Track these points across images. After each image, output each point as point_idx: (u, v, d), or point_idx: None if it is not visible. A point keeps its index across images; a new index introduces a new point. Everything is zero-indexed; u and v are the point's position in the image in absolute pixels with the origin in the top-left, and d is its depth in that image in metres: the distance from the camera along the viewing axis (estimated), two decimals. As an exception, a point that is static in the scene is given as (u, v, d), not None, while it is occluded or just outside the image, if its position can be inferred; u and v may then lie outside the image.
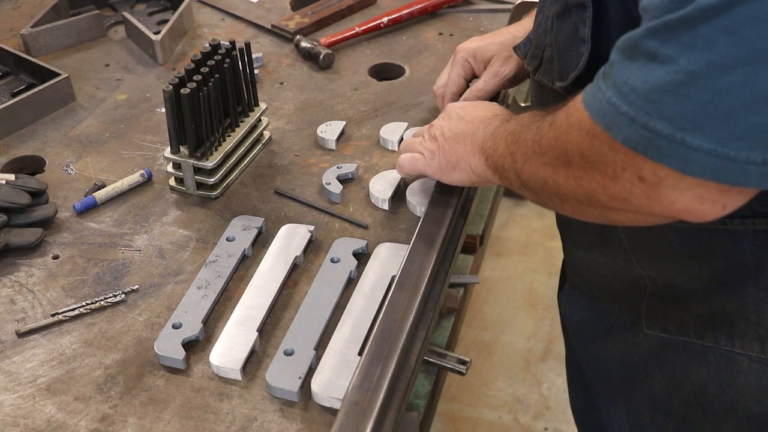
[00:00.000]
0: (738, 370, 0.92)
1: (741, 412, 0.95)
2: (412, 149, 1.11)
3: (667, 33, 0.66)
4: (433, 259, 1.02)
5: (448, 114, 1.08)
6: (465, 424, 2.15)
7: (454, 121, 1.05)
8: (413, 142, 1.11)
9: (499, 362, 2.31)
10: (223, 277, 1.06)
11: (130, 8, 1.74)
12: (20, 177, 1.21)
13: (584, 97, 0.75)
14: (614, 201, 0.76)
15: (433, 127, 1.09)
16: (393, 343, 0.91)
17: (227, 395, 0.93)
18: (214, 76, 1.17)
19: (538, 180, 0.85)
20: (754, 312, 0.88)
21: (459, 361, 1.06)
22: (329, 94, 1.46)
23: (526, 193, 0.91)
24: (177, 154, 1.19)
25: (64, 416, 0.91)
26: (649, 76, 0.67)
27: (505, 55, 1.24)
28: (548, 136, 0.81)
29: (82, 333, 1.01)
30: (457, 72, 1.28)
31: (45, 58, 1.56)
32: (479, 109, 1.06)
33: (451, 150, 1.03)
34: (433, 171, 1.07)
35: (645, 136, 0.67)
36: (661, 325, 0.97)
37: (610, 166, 0.73)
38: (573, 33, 0.87)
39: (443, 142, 1.05)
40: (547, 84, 0.97)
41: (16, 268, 1.11)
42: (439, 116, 1.10)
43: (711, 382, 0.95)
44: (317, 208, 1.19)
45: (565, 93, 0.89)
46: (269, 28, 1.67)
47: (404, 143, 1.15)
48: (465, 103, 1.10)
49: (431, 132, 1.08)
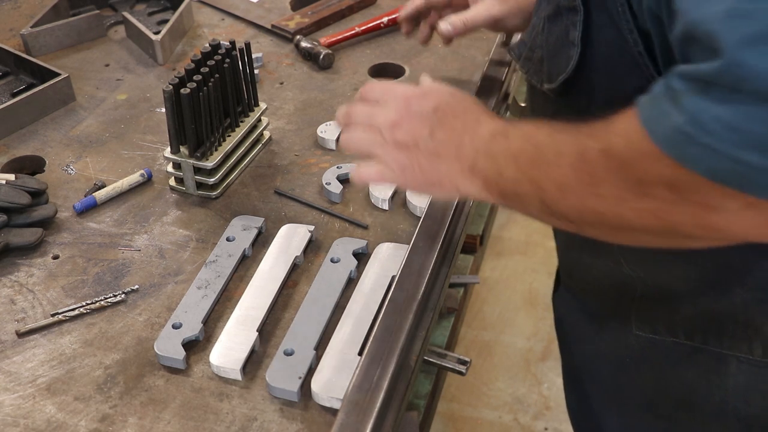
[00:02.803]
0: (727, 371, 0.92)
1: (730, 413, 0.95)
2: (370, 152, 0.91)
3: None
4: (433, 259, 1.02)
5: (414, 106, 0.89)
6: (465, 424, 2.15)
7: (426, 124, 0.87)
8: (368, 142, 0.91)
9: (499, 362, 2.31)
10: (223, 277, 1.06)
11: (130, 8, 1.74)
12: (20, 177, 1.21)
13: (646, 120, 0.67)
14: (706, 231, 0.69)
15: (399, 127, 0.88)
16: (393, 343, 0.91)
17: (227, 395, 0.93)
18: (214, 76, 1.17)
19: (589, 213, 0.75)
20: (742, 313, 0.88)
21: (459, 361, 1.06)
22: (329, 94, 1.46)
23: (556, 222, 0.82)
24: (177, 154, 1.19)
25: (64, 416, 0.91)
26: (733, 105, 0.60)
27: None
28: (605, 165, 0.71)
29: (82, 333, 1.01)
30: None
31: (45, 58, 1.56)
32: (455, 104, 0.89)
33: (430, 167, 0.87)
34: (406, 187, 0.96)
35: (735, 168, 0.61)
36: (651, 327, 0.97)
37: (705, 198, 0.65)
38: (563, 36, 0.86)
39: (418, 156, 0.87)
40: (536, 85, 0.96)
41: (16, 268, 1.11)
42: (398, 98, 0.91)
43: (700, 383, 0.95)
44: (317, 208, 1.19)
45: (554, 95, 0.89)
46: (269, 28, 1.67)
47: (351, 140, 0.93)
48: (432, 89, 0.91)
49: (396, 136, 0.88)
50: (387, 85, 0.95)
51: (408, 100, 0.90)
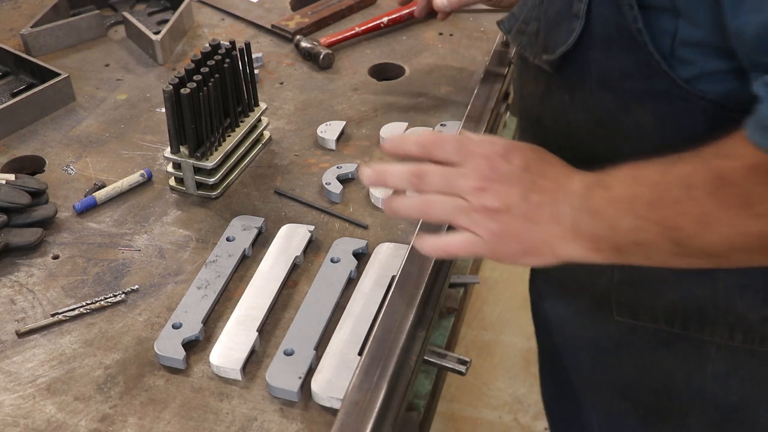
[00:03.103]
0: (707, 357, 0.92)
1: (708, 400, 0.95)
2: (453, 220, 0.81)
3: None
4: (433, 259, 1.02)
5: (501, 166, 0.80)
6: (465, 424, 2.15)
7: (518, 187, 0.79)
8: (450, 209, 0.81)
9: (499, 362, 2.31)
10: (223, 277, 1.06)
11: (130, 8, 1.74)
12: (20, 177, 1.21)
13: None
14: None
15: (486, 191, 0.79)
16: (393, 343, 0.91)
17: (227, 395, 0.93)
18: (214, 76, 1.17)
19: (743, 238, 0.70)
20: (724, 298, 0.87)
21: (459, 361, 1.06)
22: (329, 94, 1.46)
23: (691, 262, 0.77)
24: (177, 154, 1.19)
25: (64, 416, 0.91)
26: None
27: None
28: (758, 181, 0.67)
29: (82, 333, 1.01)
30: None
31: (45, 58, 1.56)
32: (541, 162, 0.82)
33: (526, 233, 0.79)
34: (497, 257, 0.82)
35: None
36: (631, 312, 0.95)
37: None
38: (566, 8, 0.84)
39: (511, 223, 0.79)
40: (528, 58, 0.93)
41: (16, 268, 1.11)
42: (478, 157, 0.80)
43: (679, 369, 0.95)
44: (317, 208, 1.19)
45: (551, 69, 0.86)
46: (269, 28, 1.67)
47: (429, 205, 0.82)
48: (513, 146, 0.82)
49: (484, 201, 0.79)
50: (460, 142, 0.82)
51: (491, 160, 0.80)
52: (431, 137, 0.83)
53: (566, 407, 1.15)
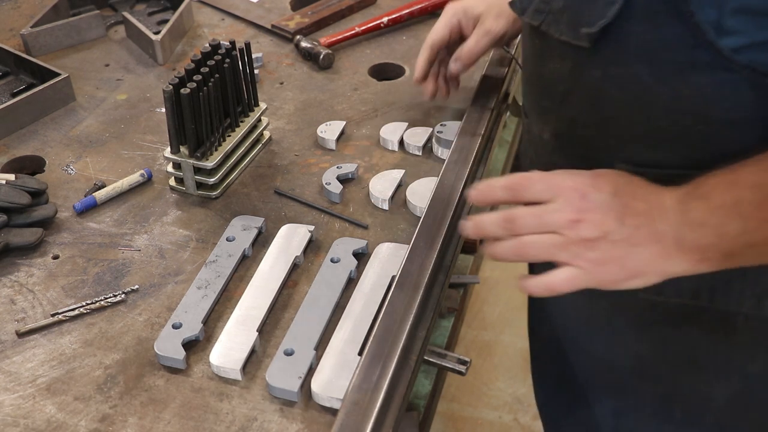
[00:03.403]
0: (733, 328, 0.91)
1: (734, 371, 0.94)
2: (553, 257, 0.81)
3: None
4: (433, 259, 1.02)
5: (592, 195, 0.80)
6: (465, 424, 2.15)
7: (612, 213, 0.79)
8: (547, 247, 0.81)
9: (499, 362, 2.31)
10: (223, 277, 1.06)
11: (130, 8, 1.74)
12: (20, 177, 1.21)
13: None
14: None
15: (581, 222, 0.79)
16: (393, 343, 0.91)
17: (227, 395, 0.93)
18: (214, 76, 1.17)
19: None
20: (752, 269, 0.85)
21: (459, 361, 1.06)
22: (329, 94, 1.46)
23: None
24: (177, 154, 1.19)
25: (64, 416, 0.91)
26: None
27: (495, 12, 1.23)
28: None
29: (82, 333, 1.01)
30: (444, 23, 1.26)
31: (45, 58, 1.56)
32: (628, 184, 0.82)
33: (629, 258, 0.79)
34: (603, 285, 0.82)
35: None
36: (656, 288, 0.91)
37: None
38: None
39: (612, 250, 0.79)
40: (553, 35, 0.91)
41: (16, 268, 1.11)
42: (567, 191, 0.81)
43: (703, 342, 0.94)
44: (317, 208, 1.19)
45: (587, 43, 0.84)
46: (269, 28, 1.67)
47: (526, 247, 0.82)
48: (598, 173, 0.83)
49: (582, 232, 0.79)
50: (547, 179, 0.83)
51: (581, 191, 0.80)
52: (517, 180, 0.83)
53: (569, 404, 1.14)
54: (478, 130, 1.27)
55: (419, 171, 1.26)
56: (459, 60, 1.26)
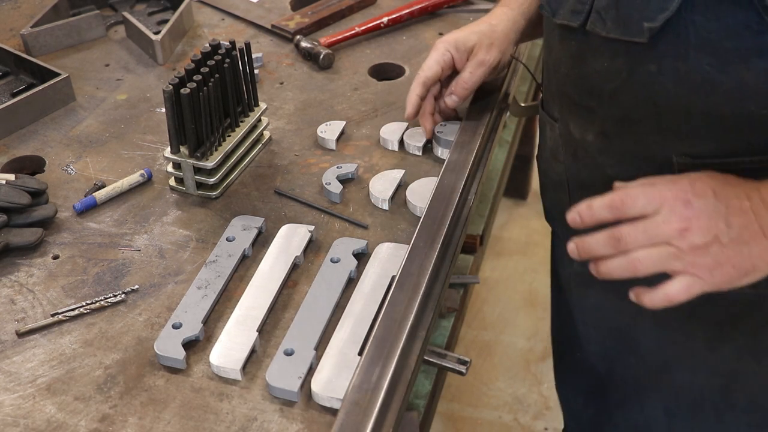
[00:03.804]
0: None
1: None
2: (667, 268, 0.81)
3: None
4: (433, 259, 1.02)
5: (695, 201, 0.80)
6: (465, 424, 2.15)
7: (718, 215, 0.80)
8: (660, 259, 0.81)
9: (499, 362, 2.31)
10: (223, 277, 1.06)
11: (130, 8, 1.74)
12: (20, 177, 1.21)
13: None
14: None
15: (690, 230, 0.79)
16: (393, 343, 0.91)
17: (227, 395, 0.93)
18: (214, 76, 1.17)
19: None
20: None
21: (459, 361, 1.06)
22: (329, 94, 1.46)
23: None
24: (177, 154, 1.19)
25: (64, 416, 0.91)
26: None
27: (487, 43, 1.23)
28: None
29: (82, 333, 1.01)
30: (435, 59, 1.24)
31: (45, 58, 1.56)
32: (724, 182, 0.82)
33: (741, 257, 0.80)
34: (718, 287, 0.82)
35: None
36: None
37: None
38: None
39: (724, 252, 0.80)
40: (599, 33, 0.90)
41: (16, 268, 1.11)
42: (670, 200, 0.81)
43: (764, 328, 0.93)
44: (317, 208, 1.19)
45: (646, 38, 0.83)
46: (269, 28, 1.67)
47: (638, 263, 0.82)
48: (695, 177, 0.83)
49: (692, 240, 0.79)
50: (648, 192, 0.82)
51: (685, 199, 0.80)
52: (618, 197, 0.83)
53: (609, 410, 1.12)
54: (478, 130, 1.27)
55: (419, 171, 1.26)
56: (454, 94, 1.25)
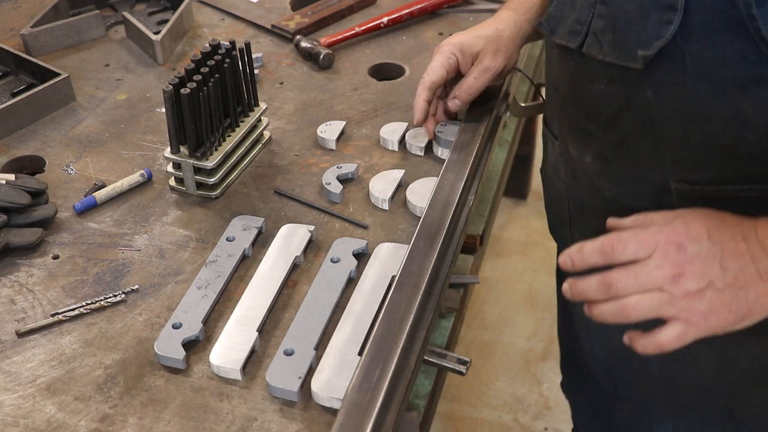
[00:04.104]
0: None
1: None
2: (660, 315, 0.79)
3: None
4: (433, 259, 1.02)
5: (688, 245, 0.78)
6: (465, 424, 2.15)
7: (712, 259, 0.77)
8: (653, 305, 0.79)
9: (499, 362, 2.31)
10: (223, 277, 1.06)
11: (130, 8, 1.74)
12: (20, 177, 1.21)
13: None
14: None
15: (683, 276, 0.77)
16: (393, 343, 0.91)
17: (227, 395, 0.93)
18: (214, 76, 1.17)
19: None
20: None
21: (459, 361, 1.06)
22: (329, 94, 1.46)
23: None
24: (177, 154, 1.19)
25: (64, 416, 0.91)
26: None
27: (493, 49, 1.22)
28: None
29: (82, 333, 1.01)
30: (440, 62, 1.23)
31: (45, 58, 1.56)
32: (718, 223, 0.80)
33: (737, 302, 0.77)
34: (713, 332, 0.80)
35: None
36: None
37: None
38: (652, 1, 0.81)
39: (719, 297, 0.77)
40: (596, 57, 0.90)
41: (16, 268, 1.11)
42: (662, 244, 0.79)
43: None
44: (317, 208, 1.19)
45: (641, 65, 0.83)
46: (269, 28, 1.67)
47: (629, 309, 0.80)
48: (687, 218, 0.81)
49: (685, 286, 0.77)
50: (640, 236, 0.80)
51: (678, 243, 0.78)
52: (609, 242, 0.81)
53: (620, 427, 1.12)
54: (478, 130, 1.27)
55: (419, 171, 1.26)
56: (458, 98, 1.25)
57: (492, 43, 1.22)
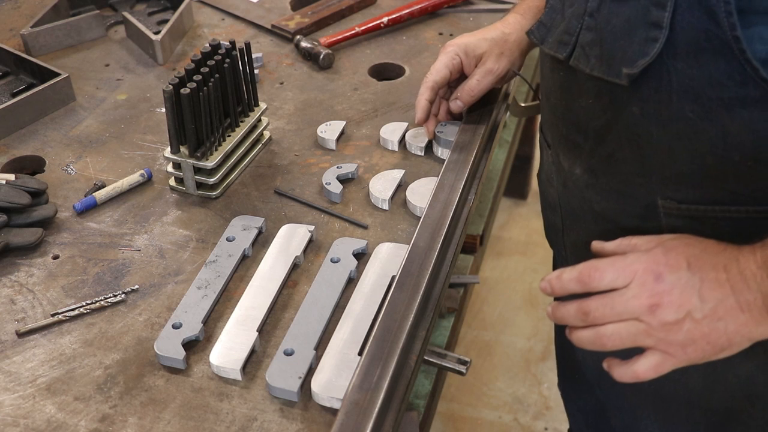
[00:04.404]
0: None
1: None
2: (637, 345, 0.79)
3: None
4: (433, 259, 1.02)
5: (666, 275, 0.77)
6: (465, 424, 2.15)
7: (690, 290, 0.76)
8: (629, 336, 0.78)
9: (499, 362, 2.31)
10: (223, 277, 1.06)
11: (130, 8, 1.74)
12: (20, 177, 1.21)
13: None
14: None
15: (660, 306, 0.76)
16: (393, 343, 0.91)
17: (227, 395, 0.93)
18: (214, 76, 1.17)
19: None
20: None
21: (459, 361, 1.06)
22: (329, 94, 1.46)
23: None
24: (177, 154, 1.19)
25: (64, 416, 0.91)
26: None
27: (497, 52, 1.22)
28: None
29: (82, 333, 1.01)
30: (444, 62, 1.24)
31: (45, 58, 1.56)
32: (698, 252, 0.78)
33: (715, 333, 0.76)
34: (689, 362, 0.79)
35: None
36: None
37: None
38: (639, 17, 0.81)
39: (697, 328, 0.76)
40: (583, 70, 0.89)
41: (16, 268, 1.11)
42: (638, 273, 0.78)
43: (759, 374, 0.92)
44: (317, 208, 1.19)
45: (627, 82, 0.82)
46: (269, 28, 1.67)
47: (605, 338, 0.79)
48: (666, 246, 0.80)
49: (662, 317, 0.76)
50: (618, 265, 0.80)
51: (655, 272, 0.77)
52: (586, 272, 0.80)
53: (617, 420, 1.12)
54: (478, 131, 1.27)
55: (419, 171, 1.26)
56: (460, 99, 1.25)
57: (497, 46, 1.22)
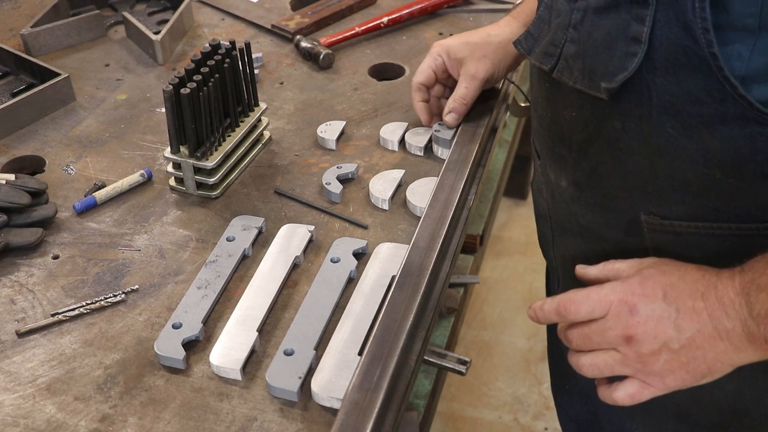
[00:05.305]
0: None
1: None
2: (615, 374, 0.80)
3: None
4: (433, 259, 1.02)
5: (641, 306, 0.78)
6: (465, 424, 2.15)
7: (666, 321, 0.76)
8: (608, 366, 0.80)
9: (499, 362, 2.31)
10: (223, 277, 1.06)
11: (130, 8, 1.74)
12: (20, 177, 1.21)
13: None
14: None
15: (636, 338, 0.77)
16: (393, 343, 0.91)
17: (227, 395, 0.93)
18: (214, 76, 1.17)
19: None
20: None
21: (459, 361, 1.06)
22: (329, 94, 1.46)
23: None
24: (177, 154, 1.19)
25: (64, 416, 0.91)
26: None
27: (478, 56, 1.22)
28: None
29: (82, 333, 1.01)
30: (428, 63, 1.26)
31: (45, 58, 1.56)
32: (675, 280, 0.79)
33: (694, 362, 0.76)
34: (669, 390, 0.80)
35: None
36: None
37: None
38: (619, 31, 0.80)
39: (675, 358, 0.77)
40: (567, 82, 0.89)
41: (16, 268, 1.11)
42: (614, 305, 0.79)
43: (747, 391, 0.92)
44: (317, 208, 1.19)
45: (606, 96, 0.83)
46: (269, 28, 1.67)
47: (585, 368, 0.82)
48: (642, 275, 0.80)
49: (639, 348, 0.77)
50: (592, 297, 0.81)
51: (629, 304, 0.78)
52: (563, 305, 0.82)
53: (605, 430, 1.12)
54: (478, 130, 1.27)
55: (419, 171, 1.26)
56: (454, 111, 1.25)
57: (478, 49, 1.23)
